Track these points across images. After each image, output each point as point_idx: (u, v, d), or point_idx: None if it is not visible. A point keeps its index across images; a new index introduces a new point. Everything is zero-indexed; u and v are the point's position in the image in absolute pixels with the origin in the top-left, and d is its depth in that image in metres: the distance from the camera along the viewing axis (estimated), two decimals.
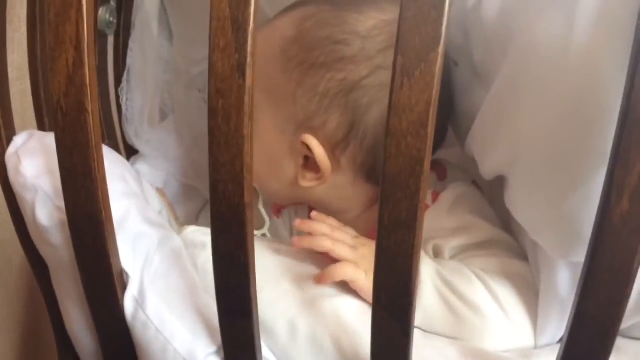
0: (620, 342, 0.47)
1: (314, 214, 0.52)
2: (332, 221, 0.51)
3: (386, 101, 0.50)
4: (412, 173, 0.34)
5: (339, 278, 0.47)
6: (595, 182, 0.36)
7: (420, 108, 0.34)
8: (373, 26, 0.52)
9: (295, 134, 0.53)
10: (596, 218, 0.34)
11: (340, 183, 0.56)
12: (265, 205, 0.65)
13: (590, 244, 0.34)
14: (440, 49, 0.33)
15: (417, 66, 0.33)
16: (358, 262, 0.47)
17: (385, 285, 0.37)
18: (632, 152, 0.32)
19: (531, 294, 0.47)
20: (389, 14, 0.52)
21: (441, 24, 0.33)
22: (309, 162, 0.54)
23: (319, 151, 0.52)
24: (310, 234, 0.49)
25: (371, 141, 0.52)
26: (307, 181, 0.55)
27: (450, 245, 0.52)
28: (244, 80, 0.35)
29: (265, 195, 0.62)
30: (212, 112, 0.36)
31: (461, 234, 0.52)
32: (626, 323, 0.46)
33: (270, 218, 0.70)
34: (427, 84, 0.33)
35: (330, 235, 0.49)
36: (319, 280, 0.47)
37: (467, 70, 0.53)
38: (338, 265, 0.47)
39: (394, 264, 0.36)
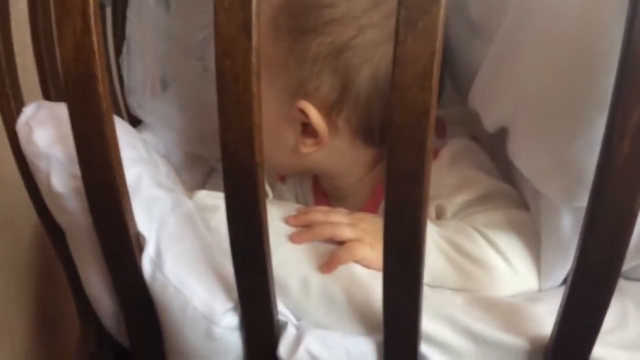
0: (622, 284, 0.49)
1: (300, 208, 0.52)
2: (321, 207, 0.52)
3: (376, 59, 0.52)
4: (418, 125, 0.35)
5: (347, 261, 0.47)
6: (598, 128, 0.37)
7: (424, 60, 0.34)
8: None
9: (291, 101, 0.54)
10: (598, 160, 0.35)
11: (339, 146, 0.56)
12: (269, 173, 0.66)
13: (593, 185, 0.35)
14: (443, 1, 0.34)
15: (420, 19, 0.34)
16: (361, 237, 0.48)
17: (395, 235, 0.38)
18: (632, 95, 0.33)
19: (534, 241, 0.48)
20: None
21: None
22: (307, 128, 0.55)
23: (315, 115, 0.53)
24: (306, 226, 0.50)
25: (365, 101, 0.53)
26: (307, 147, 0.56)
27: (453, 202, 0.53)
28: (250, 40, 0.36)
29: (269, 168, 0.63)
30: (220, 73, 0.36)
31: (463, 190, 0.53)
32: (627, 265, 0.47)
33: (275, 185, 0.71)
34: (430, 36, 0.34)
35: (326, 220, 0.50)
36: (327, 268, 0.47)
37: (464, 27, 0.53)
38: (343, 248, 0.48)
39: (402, 214, 0.37)
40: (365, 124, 0.54)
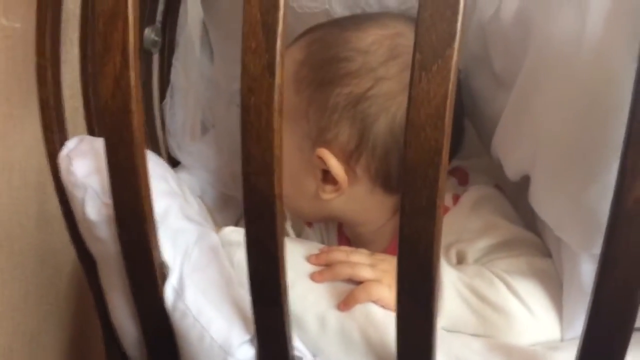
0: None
1: (323, 247, 0.54)
2: (343, 247, 0.54)
3: (393, 110, 0.54)
4: (431, 163, 0.36)
5: (363, 300, 0.48)
6: (613, 173, 0.37)
7: (437, 101, 0.36)
8: (372, 41, 0.55)
9: (312, 150, 0.56)
10: (611, 204, 0.35)
11: (358, 194, 0.58)
12: (294, 220, 0.68)
13: (606, 229, 0.36)
14: (456, 45, 0.35)
15: (434, 61, 0.35)
16: (380, 278, 0.49)
17: (408, 272, 0.39)
18: None
19: (556, 289, 0.48)
20: (390, 29, 0.55)
21: (456, 22, 0.35)
22: (327, 176, 0.57)
23: (333, 163, 0.55)
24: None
25: (382, 149, 0.55)
26: (327, 194, 0.57)
27: (475, 247, 0.53)
28: (274, 79, 0.38)
29: (293, 214, 0.65)
30: (245, 109, 0.39)
31: (484, 235, 0.53)
32: None
33: (303, 229, 0.72)
34: (443, 78, 0.35)
35: (347, 260, 0.51)
36: (344, 307, 0.48)
37: (488, 79, 0.55)
38: (360, 287, 0.49)
39: (415, 250, 0.38)
40: (383, 172, 0.56)
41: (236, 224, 0.82)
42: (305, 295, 0.49)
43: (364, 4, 0.59)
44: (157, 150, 0.79)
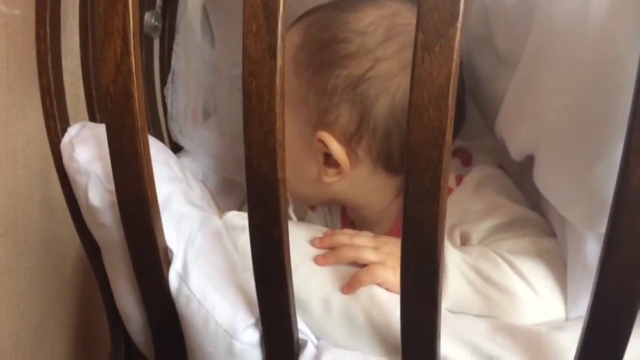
0: None
1: (327, 231, 0.54)
2: (347, 230, 0.53)
3: (392, 90, 0.53)
4: (435, 144, 0.36)
5: (368, 283, 0.48)
6: (618, 152, 0.37)
7: (440, 81, 0.35)
8: (370, 22, 0.54)
9: (313, 133, 0.56)
10: (616, 183, 0.35)
11: (361, 176, 0.58)
12: (296, 204, 0.68)
13: (611, 208, 0.35)
14: (459, 24, 0.35)
15: (437, 41, 0.35)
16: (384, 261, 0.49)
17: (412, 254, 0.39)
18: None
19: (560, 269, 0.48)
20: (387, 9, 0.55)
21: (459, 1, 0.34)
22: (329, 159, 0.57)
23: (335, 146, 0.55)
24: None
25: (383, 131, 0.54)
26: (330, 177, 0.57)
27: (479, 228, 0.53)
28: (275, 62, 0.38)
29: (296, 198, 0.65)
30: (246, 93, 0.38)
31: (488, 216, 0.53)
32: None
33: (306, 213, 0.72)
34: (446, 58, 0.35)
35: (350, 242, 0.51)
36: (348, 289, 0.48)
37: (491, 59, 0.54)
38: (364, 270, 0.49)
39: (419, 233, 0.38)
40: (385, 153, 0.55)
41: (239, 209, 0.82)
42: (309, 278, 0.49)
43: None
44: (159, 135, 0.79)
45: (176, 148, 0.81)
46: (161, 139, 0.79)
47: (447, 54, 0.35)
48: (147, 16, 0.75)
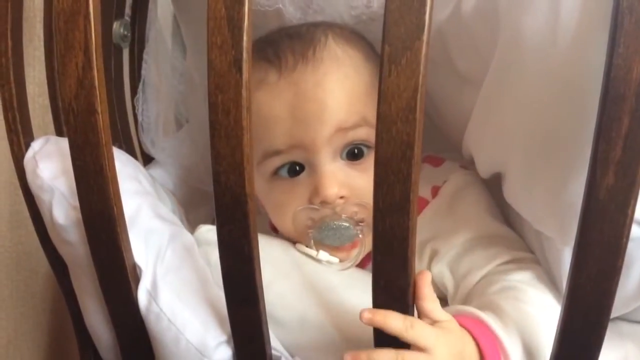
0: (624, 327, 0.48)
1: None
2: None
3: None
4: (403, 157, 0.36)
5: None
6: None
7: (407, 94, 0.35)
8: None
9: None
10: (584, 195, 0.35)
11: None
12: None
13: (579, 220, 0.35)
14: (425, 37, 0.34)
15: (403, 54, 0.35)
16: None
17: (383, 268, 0.38)
18: (613, 128, 0.33)
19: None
20: None
21: (424, 13, 0.34)
22: None
23: None
24: None
25: None
26: None
27: (450, 244, 0.52)
28: (241, 75, 0.37)
29: None
30: (212, 107, 0.38)
31: (461, 231, 0.52)
32: (629, 307, 0.46)
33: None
34: (413, 70, 0.35)
35: None
36: None
37: (451, 80, 0.54)
38: None
39: (390, 247, 0.38)
40: None
41: (213, 221, 0.81)
42: (284, 294, 0.48)
43: (315, 6, 0.58)
44: (130, 147, 0.78)
45: (148, 159, 0.80)
46: (132, 152, 0.77)
47: (414, 66, 0.35)
48: (116, 25, 0.73)
